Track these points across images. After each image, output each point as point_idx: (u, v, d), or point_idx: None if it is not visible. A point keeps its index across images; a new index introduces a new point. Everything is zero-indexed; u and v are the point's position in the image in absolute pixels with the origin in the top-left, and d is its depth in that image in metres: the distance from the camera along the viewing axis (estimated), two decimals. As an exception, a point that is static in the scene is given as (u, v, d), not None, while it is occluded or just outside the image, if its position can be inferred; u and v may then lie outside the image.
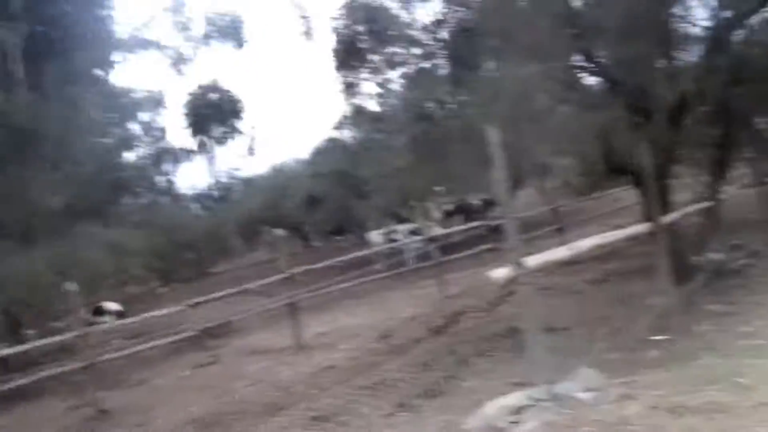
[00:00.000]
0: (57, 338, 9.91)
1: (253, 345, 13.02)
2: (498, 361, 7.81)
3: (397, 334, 10.86)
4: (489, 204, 25.58)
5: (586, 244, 5.42)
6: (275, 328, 12.53)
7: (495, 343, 8.69)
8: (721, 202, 8.94)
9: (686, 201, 9.47)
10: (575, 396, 4.40)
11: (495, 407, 4.51)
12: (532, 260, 4.76)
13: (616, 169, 7.33)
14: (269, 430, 7.31)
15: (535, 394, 4.49)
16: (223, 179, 42.94)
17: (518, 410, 4.38)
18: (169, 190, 39.43)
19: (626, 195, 13.24)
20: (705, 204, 8.80)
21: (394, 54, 7.90)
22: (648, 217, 7.05)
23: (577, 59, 7.01)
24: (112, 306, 19.73)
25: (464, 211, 25.38)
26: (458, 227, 21.52)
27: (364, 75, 8.30)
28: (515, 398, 4.56)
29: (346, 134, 21.90)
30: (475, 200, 25.37)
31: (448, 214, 25.31)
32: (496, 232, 22.10)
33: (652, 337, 6.56)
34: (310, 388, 8.69)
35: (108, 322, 18.02)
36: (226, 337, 14.49)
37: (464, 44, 7.66)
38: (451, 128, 6.79)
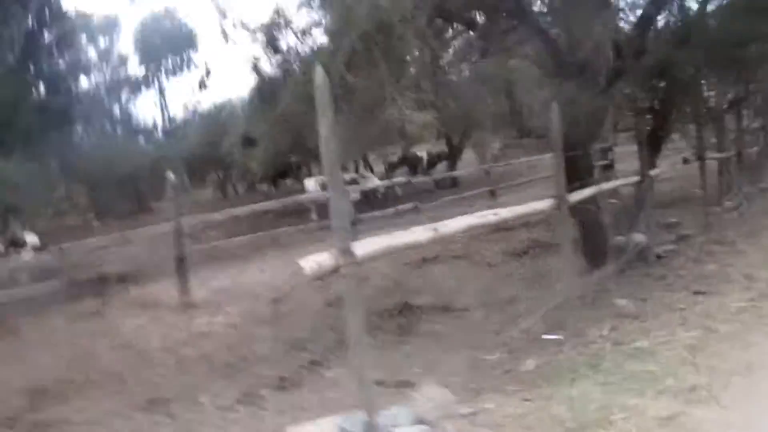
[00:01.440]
0: None
1: (147, 296, 11.91)
2: (378, 346, 6.76)
3: (291, 299, 9.81)
4: (437, 157, 24.51)
5: (454, 225, 4.28)
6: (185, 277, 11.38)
7: (384, 321, 7.69)
8: (652, 177, 7.87)
9: (616, 174, 8.49)
10: (397, 432, 3.32)
11: (294, 438, 3.41)
12: (365, 246, 3.61)
13: (525, 132, 6.15)
14: (98, 413, 6.24)
15: (347, 425, 3.39)
16: (172, 114, 41.25)
17: (319, 447, 3.29)
18: (108, 122, 37.67)
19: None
20: (633, 179, 7.75)
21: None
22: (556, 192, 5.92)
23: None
24: (29, 238, 18.36)
25: (409, 164, 24.29)
26: (398, 180, 20.49)
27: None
28: (322, 427, 3.46)
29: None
30: (421, 153, 24.29)
31: (392, 166, 24.19)
32: (439, 186, 21.26)
33: (544, 335, 5.53)
34: (170, 359, 7.67)
35: (22, 255, 16.79)
36: (131, 283, 13.37)
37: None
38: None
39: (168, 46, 40.31)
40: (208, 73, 40.43)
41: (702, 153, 9.03)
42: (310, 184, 20.77)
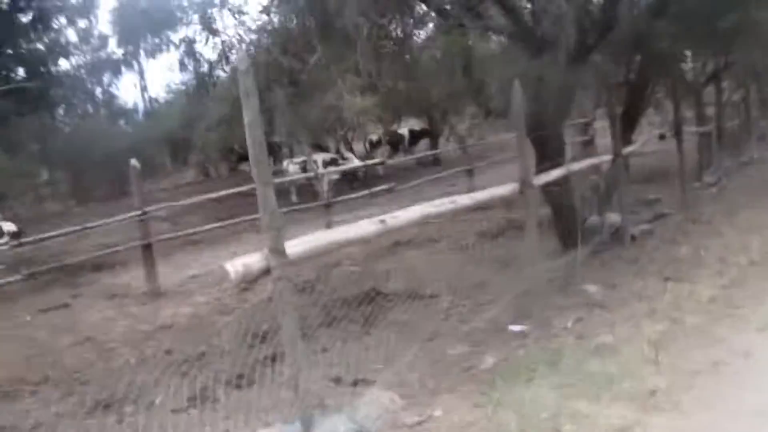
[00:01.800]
0: None
1: (117, 286, 11.65)
2: (343, 337, 6.50)
3: (260, 287, 9.51)
4: (418, 135, 24.14)
5: (405, 217, 3.99)
6: (161, 264, 11.07)
7: (349, 310, 7.40)
8: (625, 155, 7.60)
9: (596, 149, 8.21)
10: (332, 446, 3.05)
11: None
12: (300, 245, 3.31)
13: (490, 112, 5.85)
14: (47, 415, 5.96)
15: (283, 437, 3.13)
16: (152, 95, 40.63)
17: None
18: (88, 104, 37.10)
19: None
20: (606, 157, 7.48)
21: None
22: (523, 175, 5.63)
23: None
24: (7, 226, 17.95)
25: (390, 143, 23.89)
26: (378, 160, 20.15)
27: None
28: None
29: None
30: (402, 131, 23.95)
31: (373, 145, 23.80)
32: (420, 165, 20.94)
33: (509, 325, 5.27)
34: (131, 354, 7.39)
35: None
36: (105, 271, 13.05)
37: None
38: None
39: (147, 26, 39.64)
40: (187, 53, 39.78)
41: (679, 128, 8.76)
42: (291, 166, 20.44)
